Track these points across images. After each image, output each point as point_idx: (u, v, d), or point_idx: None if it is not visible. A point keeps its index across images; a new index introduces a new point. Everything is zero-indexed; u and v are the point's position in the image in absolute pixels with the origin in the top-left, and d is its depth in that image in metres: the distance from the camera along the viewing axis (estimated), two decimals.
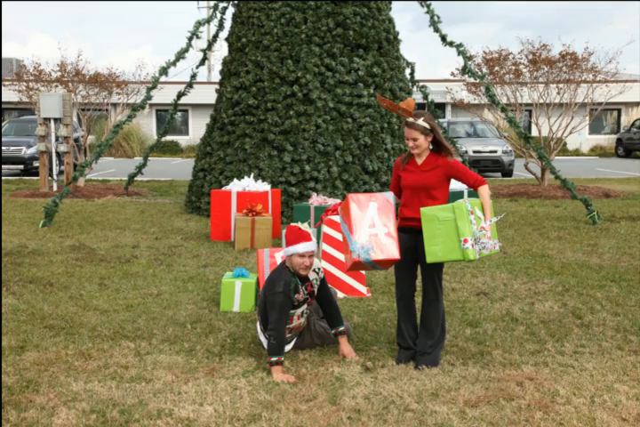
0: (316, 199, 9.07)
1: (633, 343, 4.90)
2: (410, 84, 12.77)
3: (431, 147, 4.49)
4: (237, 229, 8.52)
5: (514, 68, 15.31)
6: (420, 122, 4.36)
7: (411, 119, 4.37)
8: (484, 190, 4.35)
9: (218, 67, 32.60)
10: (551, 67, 15.11)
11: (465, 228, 4.08)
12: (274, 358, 4.29)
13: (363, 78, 10.91)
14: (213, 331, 5.18)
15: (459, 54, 11.48)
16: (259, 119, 10.85)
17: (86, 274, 7.05)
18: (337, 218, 6.28)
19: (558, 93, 15.27)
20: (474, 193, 9.51)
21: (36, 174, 18.34)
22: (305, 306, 4.61)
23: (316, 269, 4.70)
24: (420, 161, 4.48)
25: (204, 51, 13.68)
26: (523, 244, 8.81)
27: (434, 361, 4.45)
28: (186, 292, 6.39)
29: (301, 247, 4.46)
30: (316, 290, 4.66)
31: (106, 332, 5.14)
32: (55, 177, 15.52)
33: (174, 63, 11.76)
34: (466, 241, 4.08)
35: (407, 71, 12.91)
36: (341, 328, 4.68)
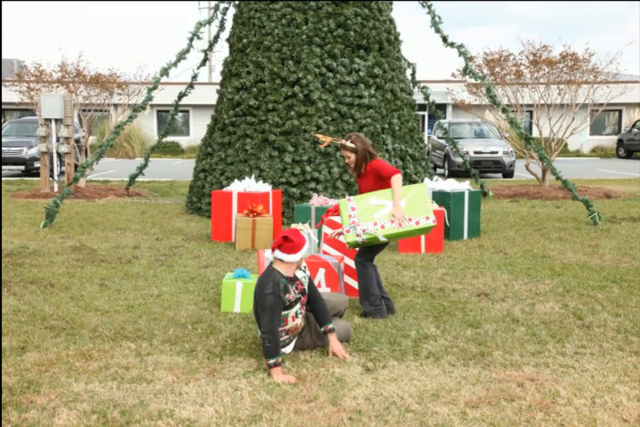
0: (316, 200, 9.06)
1: (634, 344, 4.90)
2: (411, 84, 12.78)
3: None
4: (238, 229, 8.53)
5: (514, 68, 15.31)
6: (348, 144, 5.40)
7: (341, 143, 5.46)
8: (393, 180, 5.25)
9: (219, 67, 32.56)
10: (552, 67, 15.11)
11: (343, 220, 5.38)
12: (271, 361, 4.27)
13: (364, 79, 10.92)
14: (214, 332, 5.18)
15: (459, 55, 11.50)
16: (259, 120, 10.85)
17: (87, 275, 7.05)
18: (337, 218, 6.29)
19: (559, 94, 15.27)
20: (474, 193, 9.48)
21: (37, 175, 18.38)
22: (298, 306, 4.58)
23: (302, 267, 4.70)
24: (363, 170, 5.52)
25: (204, 51, 13.69)
26: (523, 244, 8.81)
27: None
28: (187, 292, 6.39)
29: (298, 257, 4.51)
30: (306, 288, 4.65)
31: (107, 332, 5.14)
32: (56, 178, 15.53)
33: (175, 64, 11.77)
34: (347, 231, 5.34)
35: (408, 72, 12.92)
36: (330, 326, 4.67)
